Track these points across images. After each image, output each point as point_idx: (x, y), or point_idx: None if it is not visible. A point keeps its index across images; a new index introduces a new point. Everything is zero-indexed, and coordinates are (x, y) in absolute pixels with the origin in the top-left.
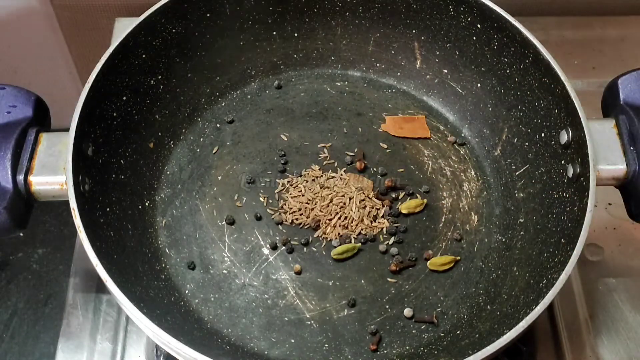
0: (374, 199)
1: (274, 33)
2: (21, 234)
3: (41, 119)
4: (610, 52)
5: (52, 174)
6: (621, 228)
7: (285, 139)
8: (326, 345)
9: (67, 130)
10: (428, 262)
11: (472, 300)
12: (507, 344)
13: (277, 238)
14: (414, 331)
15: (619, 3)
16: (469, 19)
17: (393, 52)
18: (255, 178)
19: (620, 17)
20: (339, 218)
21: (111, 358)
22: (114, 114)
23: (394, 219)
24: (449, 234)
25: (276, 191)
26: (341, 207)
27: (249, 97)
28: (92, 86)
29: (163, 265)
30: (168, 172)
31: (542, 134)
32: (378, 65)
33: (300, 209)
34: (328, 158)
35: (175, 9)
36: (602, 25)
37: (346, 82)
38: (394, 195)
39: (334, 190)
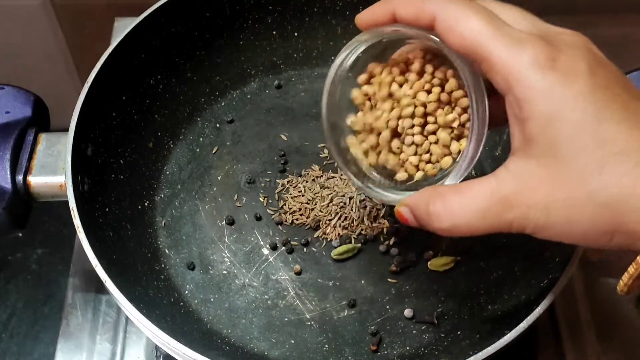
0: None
1: (274, 32)
2: (20, 234)
3: (40, 119)
4: (612, 51)
5: (52, 174)
6: None
7: (285, 139)
8: (326, 345)
9: (67, 130)
10: (428, 263)
11: (472, 300)
12: (508, 345)
13: (277, 238)
14: (414, 332)
15: (621, 1)
16: None
17: None
18: (255, 178)
19: (623, 15)
20: (339, 218)
21: (110, 358)
22: (114, 114)
23: (395, 219)
24: None
25: (276, 191)
26: (341, 207)
27: (248, 96)
28: (91, 86)
29: (162, 265)
30: (167, 172)
31: None
32: None
33: (300, 209)
34: (328, 158)
35: (174, 8)
36: (604, 24)
37: None
38: None
39: (334, 190)
